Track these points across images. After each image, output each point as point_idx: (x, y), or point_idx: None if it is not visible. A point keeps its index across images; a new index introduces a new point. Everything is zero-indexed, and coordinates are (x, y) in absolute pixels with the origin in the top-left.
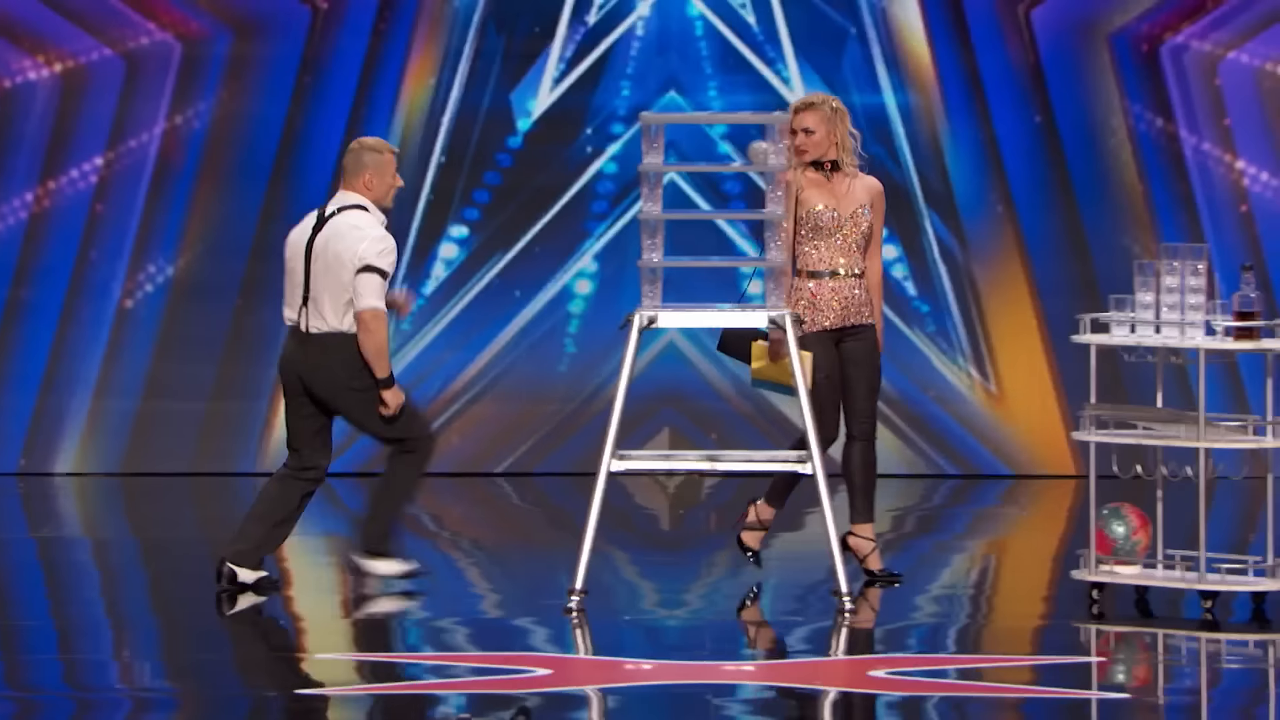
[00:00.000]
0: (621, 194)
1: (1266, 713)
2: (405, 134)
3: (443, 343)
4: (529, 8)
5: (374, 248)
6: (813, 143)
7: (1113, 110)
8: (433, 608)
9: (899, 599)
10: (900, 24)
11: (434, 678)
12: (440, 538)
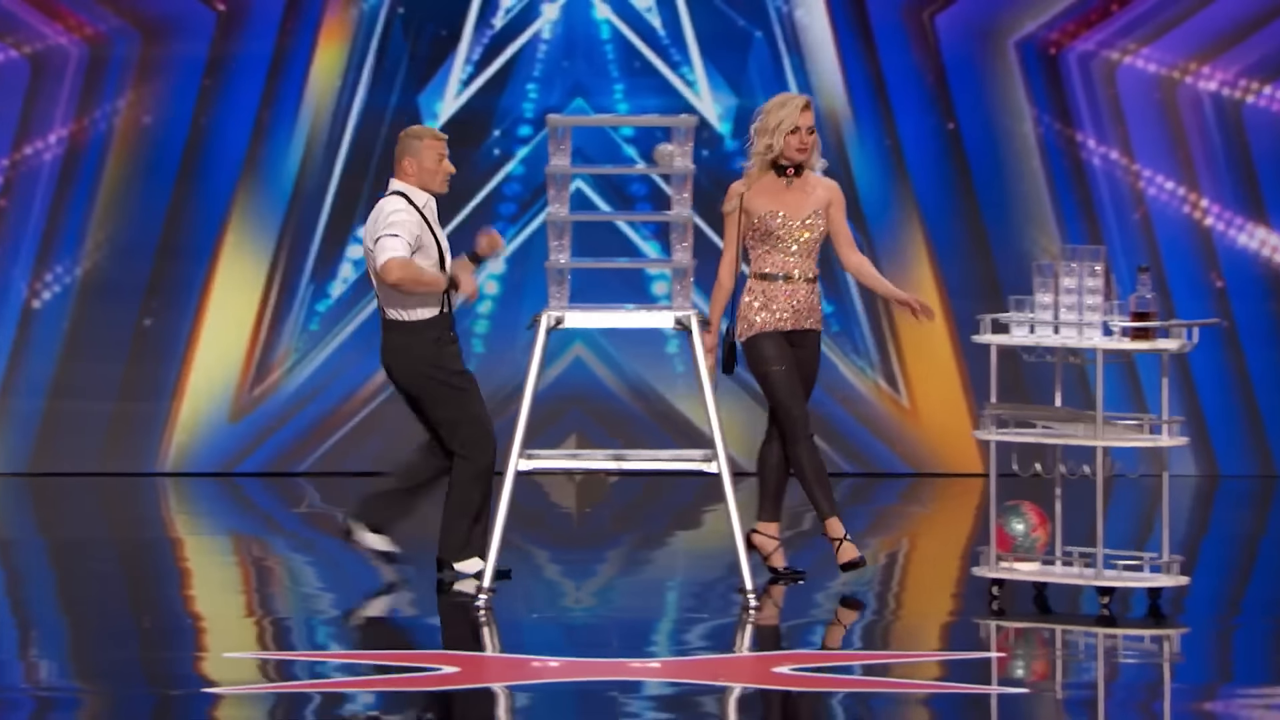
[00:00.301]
0: (529, 197)
1: (1162, 707)
2: (311, 135)
3: (352, 345)
4: (435, 10)
5: (381, 222)
6: (812, 141)
7: (1016, 115)
8: (342, 606)
9: (803, 596)
10: (806, 28)
11: (342, 676)
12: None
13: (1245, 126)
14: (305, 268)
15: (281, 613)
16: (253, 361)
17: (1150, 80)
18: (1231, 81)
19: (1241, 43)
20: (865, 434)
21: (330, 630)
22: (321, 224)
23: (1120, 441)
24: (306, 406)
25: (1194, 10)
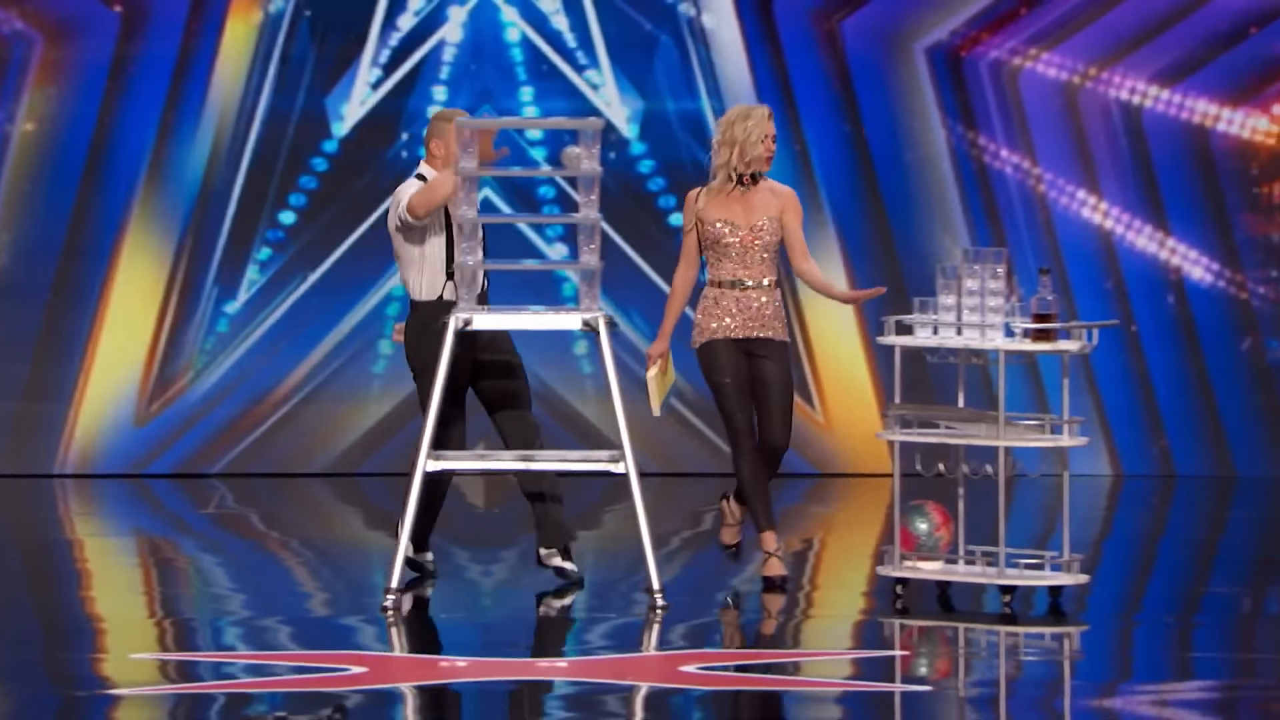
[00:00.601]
0: None
1: (1063, 704)
2: (216, 137)
3: (262, 347)
4: (341, 13)
5: (392, 205)
6: (773, 149)
7: (922, 119)
8: (252, 607)
9: (710, 595)
10: (713, 32)
11: (250, 677)
12: (263, 537)
13: (1145, 131)
14: (210, 269)
15: (187, 614)
16: (154, 364)
17: (1053, 85)
18: (1133, 86)
19: (1142, 48)
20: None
21: (238, 631)
22: (226, 226)
23: (1022, 442)
24: (216, 408)
25: (1096, 16)
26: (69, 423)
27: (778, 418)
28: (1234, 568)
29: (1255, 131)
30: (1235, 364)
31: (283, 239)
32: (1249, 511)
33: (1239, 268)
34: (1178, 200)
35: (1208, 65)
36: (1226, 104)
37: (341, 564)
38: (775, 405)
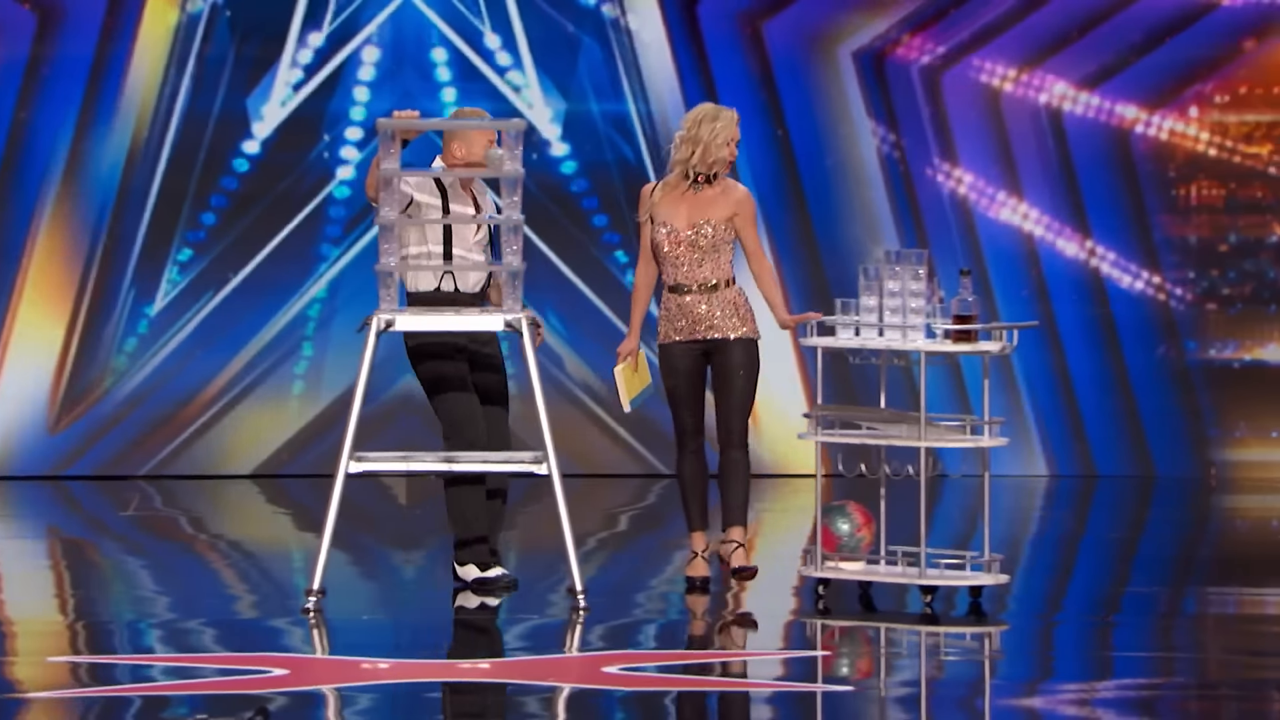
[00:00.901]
0: (361, 201)
1: (983, 704)
2: (134, 136)
3: (185, 348)
4: (262, 14)
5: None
6: (735, 154)
7: (846, 121)
8: (172, 609)
9: (634, 596)
10: (637, 33)
11: (169, 679)
12: (185, 539)
13: (1067, 133)
14: (126, 273)
15: (105, 616)
16: (65, 367)
17: (977, 88)
18: (1055, 90)
19: (1064, 51)
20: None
21: (158, 634)
22: (143, 228)
23: (942, 442)
24: (136, 410)
25: (1018, 18)
26: None
27: (729, 410)
28: (1153, 567)
29: (1173, 134)
30: (1155, 365)
31: (204, 240)
32: (1168, 511)
33: (1158, 269)
34: (1099, 202)
35: (1128, 69)
36: (1145, 107)
37: (265, 566)
38: (726, 399)
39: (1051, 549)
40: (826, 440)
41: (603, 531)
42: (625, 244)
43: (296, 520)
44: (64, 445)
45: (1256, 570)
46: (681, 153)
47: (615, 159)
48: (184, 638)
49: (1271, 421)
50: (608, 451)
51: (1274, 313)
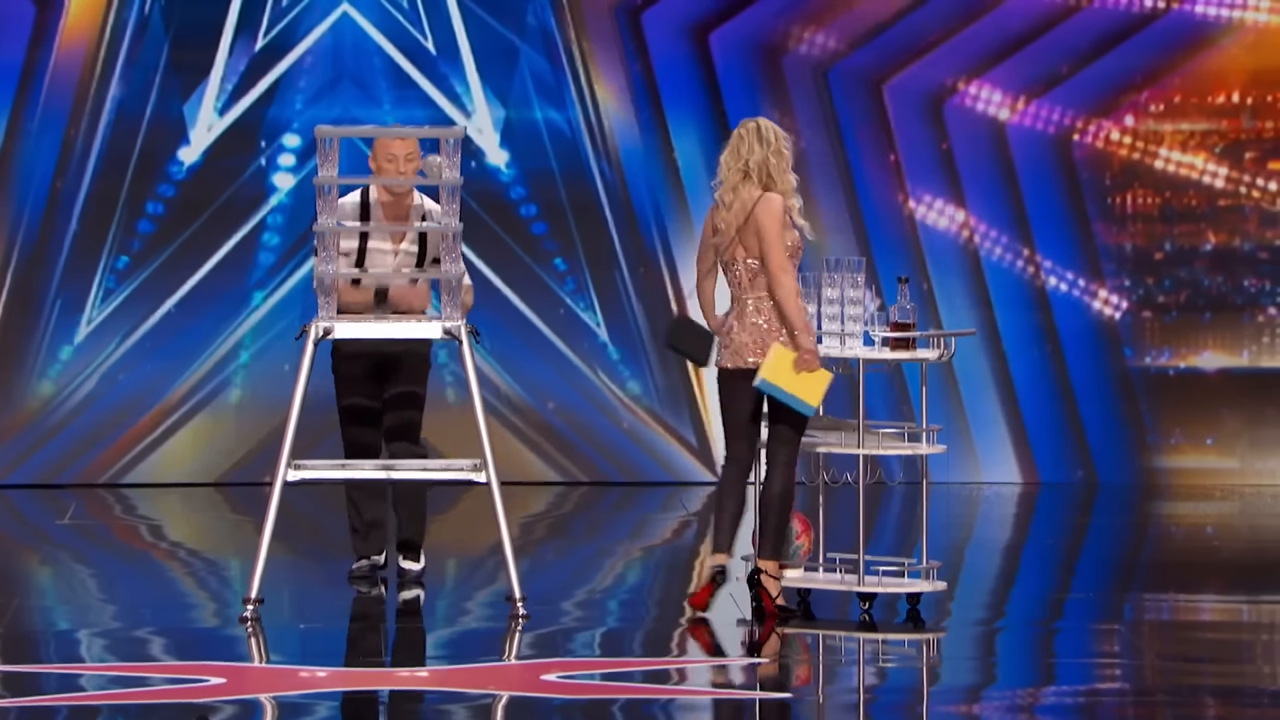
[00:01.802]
0: (298, 207)
1: (921, 710)
2: (65, 141)
3: (123, 357)
4: (198, 20)
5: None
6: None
7: (788, 130)
8: (107, 618)
9: (573, 603)
10: (578, 42)
11: (107, 688)
12: (124, 548)
13: (1009, 141)
14: (53, 281)
15: (38, 625)
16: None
17: (920, 98)
18: (997, 99)
19: (1006, 60)
20: (643, 443)
21: (93, 643)
22: (68, 237)
23: (880, 449)
24: (74, 419)
25: (959, 28)
26: None
27: (774, 436)
28: (1091, 573)
29: (1109, 142)
30: (1095, 372)
31: (139, 249)
32: (1107, 517)
33: (1095, 276)
34: (1037, 210)
35: (1069, 79)
36: (1081, 116)
37: (202, 574)
38: (773, 423)
39: (990, 556)
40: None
41: (547, 539)
42: (562, 251)
43: (235, 529)
44: (12, 450)
45: (1192, 576)
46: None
47: (555, 168)
48: (121, 646)
49: (1206, 429)
50: (545, 459)
51: (1208, 321)
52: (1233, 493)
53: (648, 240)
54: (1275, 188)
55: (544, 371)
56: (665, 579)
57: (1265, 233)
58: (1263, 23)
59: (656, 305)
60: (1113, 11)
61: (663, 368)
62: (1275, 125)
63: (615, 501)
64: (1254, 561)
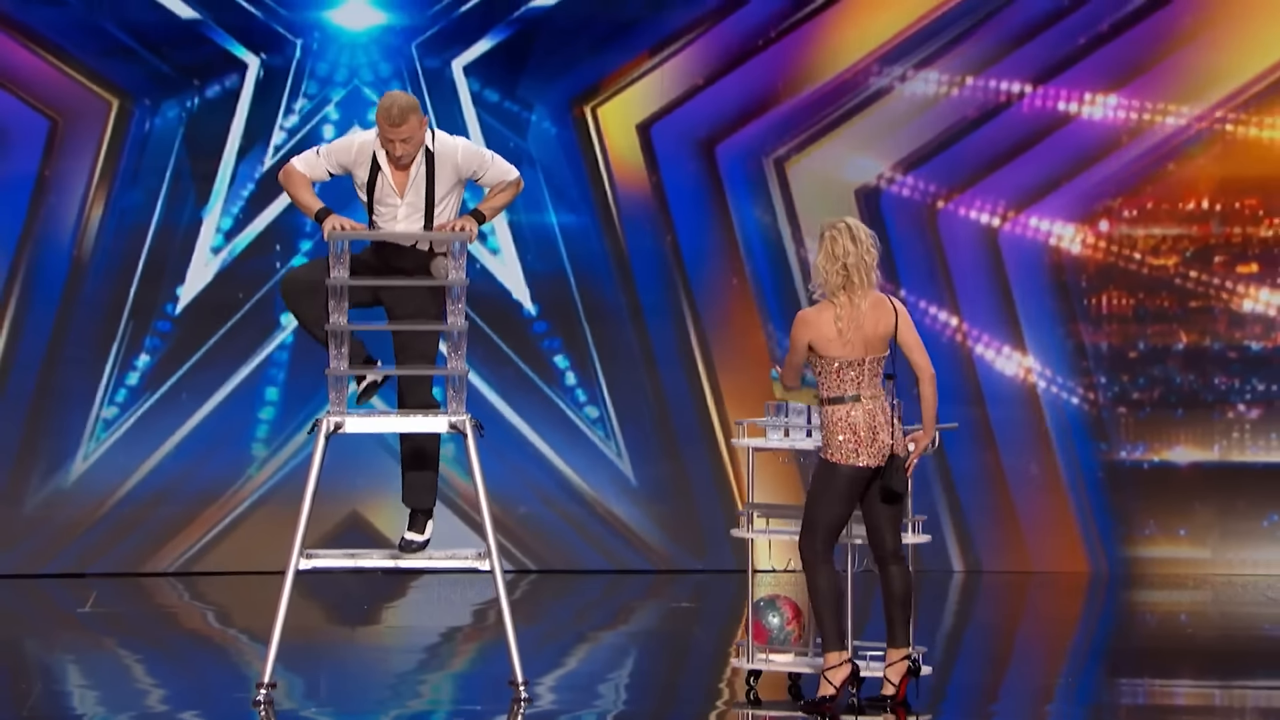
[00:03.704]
0: None
1: None
2: (77, 245)
3: (137, 443)
4: (215, 130)
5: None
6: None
7: (724, 219)
8: (136, 702)
9: (572, 689)
10: (603, 156)
11: None
12: (147, 633)
13: (940, 232)
14: (80, 377)
15: (57, 711)
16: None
17: (914, 208)
18: (985, 207)
19: (994, 174)
20: (637, 531)
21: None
22: (98, 335)
23: (865, 538)
24: (99, 509)
25: (953, 141)
26: None
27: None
28: (1073, 659)
29: (1085, 246)
30: (1084, 464)
31: (159, 345)
32: (1088, 604)
33: (1072, 374)
34: (1024, 312)
35: (1056, 189)
36: (1060, 220)
37: (208, 659)
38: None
39: (977, 641)
40: (759, 536)
41: (550, 625)
42: (565, 347)
43: (250, 614)
44: (24, 541)
45: (1166, 662)
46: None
47: (548, 269)
48: None
49: (1178, 520)
50: (561, 547)
51: (1181, 416)
52: (1204, 582)
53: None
54: (1243, 290)
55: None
56: (670, 663)
57: (1234, 333)
58: (1229, 134)
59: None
60: (1091, 125)
61: (653, 456)
62: (1242, 230)
63: (652, 587)
64: (1226, 648)
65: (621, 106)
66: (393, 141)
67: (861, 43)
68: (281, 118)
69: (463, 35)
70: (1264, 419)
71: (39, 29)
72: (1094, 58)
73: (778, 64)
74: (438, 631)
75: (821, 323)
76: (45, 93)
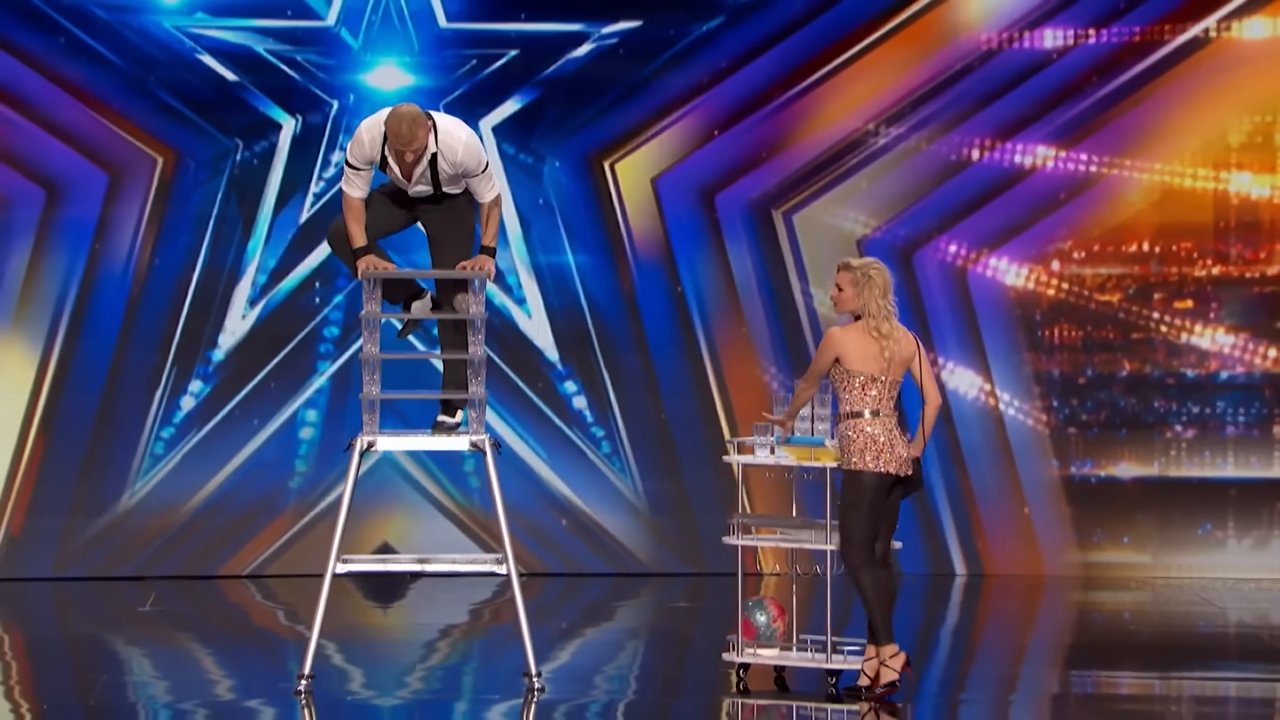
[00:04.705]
0: (344, 337)
1: None
2: (135, 284)
3: (194, 465)
4: (256, 182)
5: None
6: (840, 299)
7: (723, 266)
8: (186, 692)
9: (580, 680)
10: (620, 206)
11: None
12: (197, 631)
13: (915, 272)
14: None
15: (121, 698)
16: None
17: (894, 249)
18: (956, 249)
19: (964, 220)
20: (632, 537)
21: (169, 714)
22: (157, 365)
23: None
24: (152, 518)
25: (931, 188)
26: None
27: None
28: (1031, 653)
29: (1039, 283)
30: (1039, 479)
31: (211, 372)
32: (1043, 604)
33: (1028, 398)
34: (989, 341)
35: (1018, 235)
36: (1015, 260)
37: (257, 653)
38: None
39: (944, 638)
40: (747, 544)
41: (561, 622)
42: (575, 378)
43: (291, 614)
44: (93, 549)
45: (1112, 656)
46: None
47: (559, 303)
48: (192, 717)
49: (1123, 529)
50: (573, 551)
51: (1124, 436)
52: (1146, 584)
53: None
54: (1180, 324)
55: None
56: (669, 658)
57: (1172, 362)
58: (1167, 185)
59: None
60: (1047, 177)
61: (655, 473)
62: (1179, 270)
63: (654, 590)
64: (1165, 643)
65: (636, 161)
66: (402, 153)
67: (848, 104)
68: (319, 169)
69: (486, 96)
70: (1198, 439)
71: (92, 89)
72: (1050, 118)
73: (774, 122)
74: (437, 628)
75: (853, 341)
76: (101, 148)
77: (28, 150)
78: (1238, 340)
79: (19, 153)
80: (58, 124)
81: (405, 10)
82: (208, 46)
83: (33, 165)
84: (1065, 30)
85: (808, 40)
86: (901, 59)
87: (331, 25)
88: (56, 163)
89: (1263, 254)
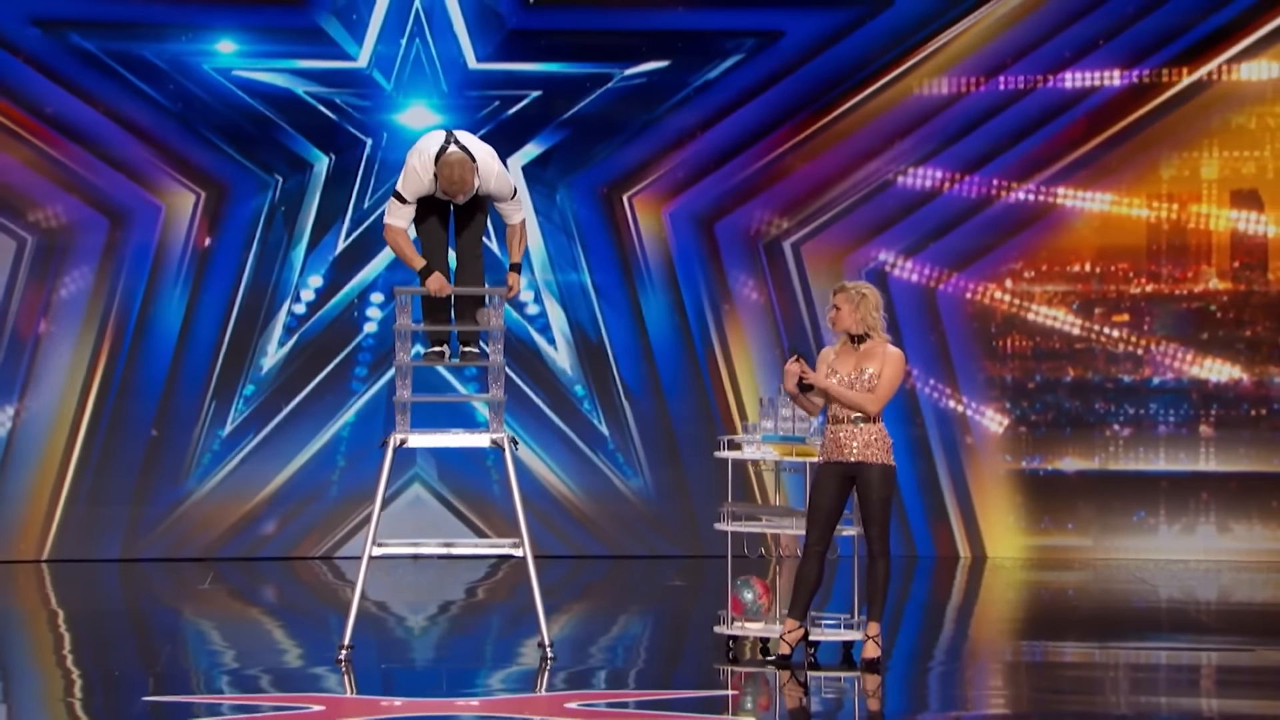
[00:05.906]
0: (381, 348)
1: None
2: (190, 302)
3: (248, 461)
4: (295, 213)
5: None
6: (838, 317)
7: (722, 288)
8: (239, 659)
9: (588, 648)
10: (637, 238)
11: (233, 714)
12: (248, 607)
13: (891, 291)
14: (200, 402)
15: (184, 665)
16: (146, 475)
17: (869, 270)
18: (882, 260)
19: (939, 240)
20: (634, 524)
21: (226, 678)
22: (212, 369)
23: None
24: (210, 506)
25: (906, 214)
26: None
27: (868, 526)
28: (984, 626)
29: (993, 299)
30: (994, 472)
31: (262, 378)
32: (996, 583)
33: (984, 400)
34: (953, 350)
35: (982, 258)
36: (973, 279)
37: (307, 626)
38: (868, 516)
39: (913, 614)
40: (736, 529)
41: (572, 599)
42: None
43: (332, 592)
44: (168, 531)
45: (1056, 628)
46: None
47: (575, 319)
48: (245, 681)
49: (1067, 516)
50: (581, 536)
51: (1069, 435)
52: (1087, 565)
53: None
54: (1118, 335)
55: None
56: (664, 630)
57: (1110, 369)
58: (1107, 213)
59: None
60: (1005, 207)
61: (655, 464)
62: (1116, 288)
63: (654, 571)
64: (1103, 617)
65: (649, 193)
66: (450, 191)
67: (826, 141)
68: (355, 200)
69: (512, 134)
70: (1133, 437)
71: (149, 128)
72: (1009, 155)
73: (770, 158)
74: (436, 605)
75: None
76: (158, 181)
77: (93, 183)
78: (1168, 349)
79: (85, 185)
80: (119, 159)
81: (435, 55)
82: (250, 90)
83: (98, 196)
84: (1020, 77)
85: (803, 86)
86: (876, 107)
87: (364, 67)
88: (118, 194)
89: (1190, 273)
